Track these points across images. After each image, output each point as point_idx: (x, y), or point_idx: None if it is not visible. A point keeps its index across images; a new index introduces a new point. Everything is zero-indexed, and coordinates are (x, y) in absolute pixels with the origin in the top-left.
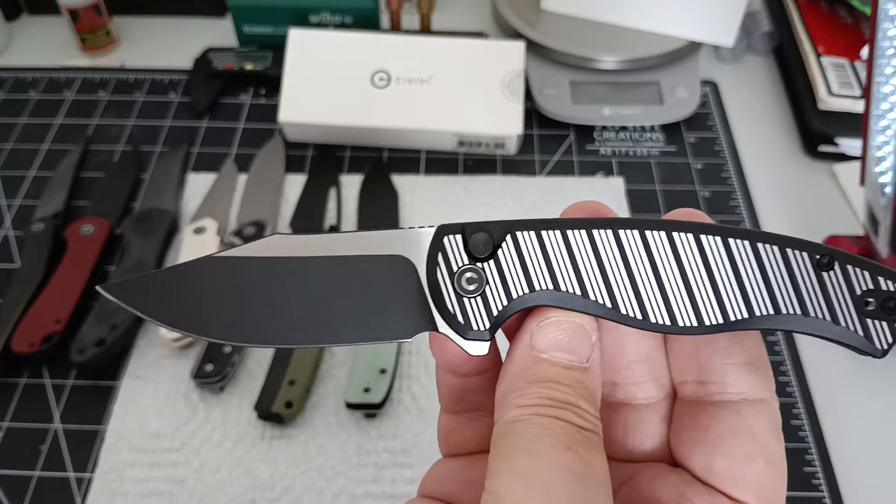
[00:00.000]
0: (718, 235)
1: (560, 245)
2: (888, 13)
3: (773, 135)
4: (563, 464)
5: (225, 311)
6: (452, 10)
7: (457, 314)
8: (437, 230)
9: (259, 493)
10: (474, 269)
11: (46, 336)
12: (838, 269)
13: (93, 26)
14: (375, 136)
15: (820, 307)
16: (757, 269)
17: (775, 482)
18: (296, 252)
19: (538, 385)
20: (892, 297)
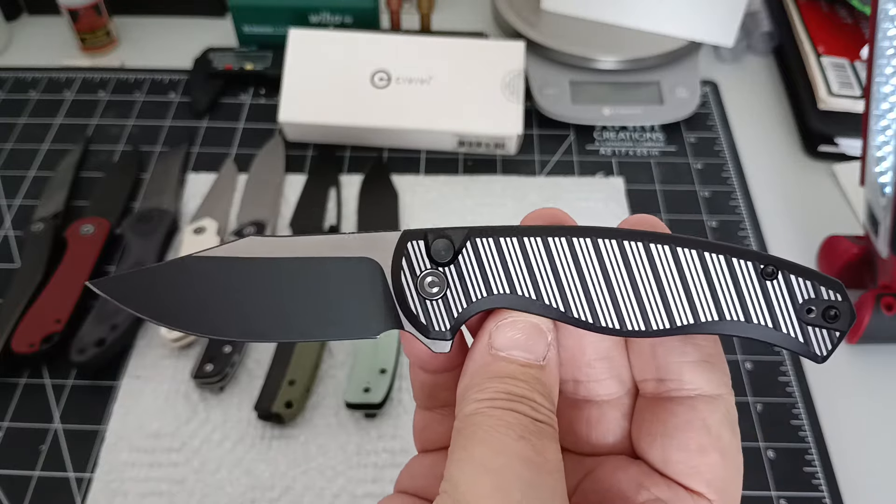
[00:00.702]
0: (668, 244)
1: (517, 251)
2: (888, 13)
3: (773, 135)
4: (516, 451)
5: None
6: (452, 10)
7: (419, 315)
8: (401, 235)
9: (259, 493)
10: (436, 274)
11: (46, 336)
12: (782, 278)
13: (93, 26)
14: (375, 136)
15: (763, 314)
16: (703, 277)
17: (730, 474)
18: (271, 253)
19: (496, 380)
20: (833, 306)
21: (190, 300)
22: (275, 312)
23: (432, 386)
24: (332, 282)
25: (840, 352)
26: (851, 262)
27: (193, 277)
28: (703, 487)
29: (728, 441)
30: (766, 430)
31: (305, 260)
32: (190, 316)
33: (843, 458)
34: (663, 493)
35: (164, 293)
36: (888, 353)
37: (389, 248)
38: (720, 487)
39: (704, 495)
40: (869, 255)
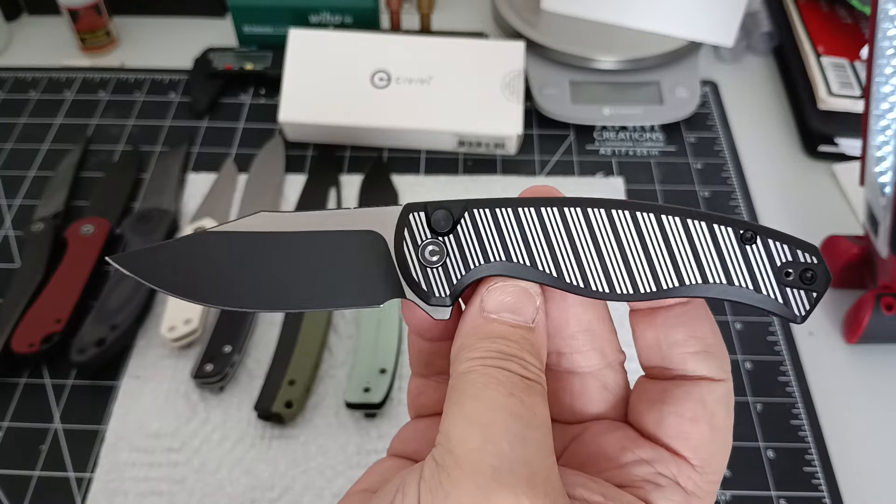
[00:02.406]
0: (652, 212)
1: (512, 221)
2: (888, 13)
3: (773, 135)
4: (506, 406)
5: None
6: (452, 10)
7: (421, 283)
8: (403, 208)
9: (259, 493)
10: (436, 243)
11: (46, 336)
12: (760, 242)
13: (93, 26)
14: (375, 136)
15: (743, 277)
16: (686, 243)
17: (716, 448)
18: (281, 227)
19: (487, 340)
20: (810, 268)
21: (204, 273)
22: (285, 283)
23: (429, 354)
24: (338, 254)
25: (840, 352)
26: (851, 262)
27: (207, 251)
28: (689, 452)
29: (721, 419)
30: (766, 430)
31: (313, 233)
32: (204, 288)
33: (843, 458)
34: (647, 455)
35: (179, 267)
36: (888, 353)
37: (392, 221)
38: (704, 457)
39: (688, 460)
40: (869, 255)
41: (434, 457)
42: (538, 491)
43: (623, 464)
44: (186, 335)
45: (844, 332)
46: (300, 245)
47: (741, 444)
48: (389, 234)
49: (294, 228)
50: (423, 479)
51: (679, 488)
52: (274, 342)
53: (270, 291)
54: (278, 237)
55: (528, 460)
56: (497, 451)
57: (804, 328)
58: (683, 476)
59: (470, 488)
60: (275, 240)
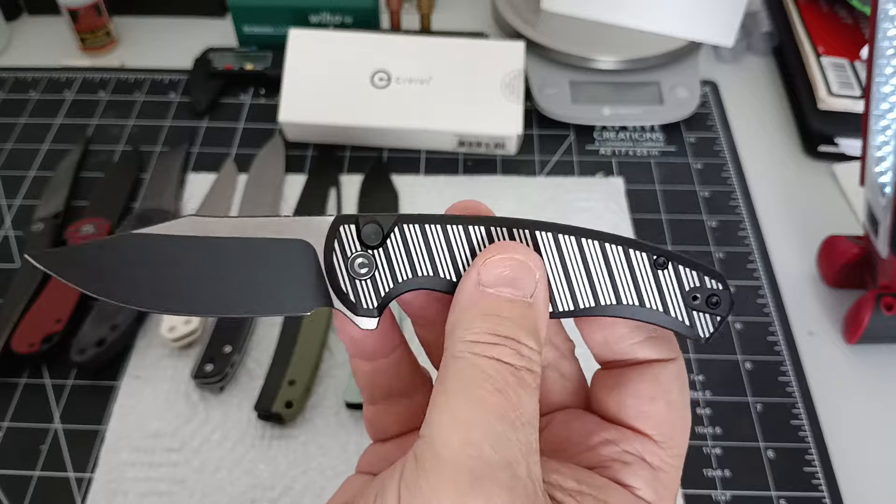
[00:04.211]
0: (573, 235)
1: (440, 237)
2: (888, 13)
3: (773, 135)
4: (491, 405)
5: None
6: (452, 10)
7: (349, 293)
8: (334, 220)
9: (259, 493)
10: (365, 256)
11: (46, 336)
12: (671, 268)
13: (93, 26)
14: (375, 136)
15: (654, 300)
16: (604, 266)
17: (675, 423)
18: (210, 232)
19: (482, 318)
20: (715, 293)
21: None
22: (212, 289)
23: (373, 374)
24: (268, 261)
25: (840, 352)
26: (851, 262)
27: (133, 253)
28: (651, 430)
29: (676, 395)
30: (766, 430)
31: (243, 240)
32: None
33: (843, 458)
34: (612, 436)
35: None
36: (888, 353)
37: (323, 231)
38: (666, 432)
39: (651, 437)
40: (869, 255)
41: (416, 453)
42: (517, 493)
43: (591, 446)
44: (186, 335)
45: (844, 332)
46: (228, 251)
47: (741, 444)
48: (320, 243)
49: (223, 234)
50: (403, 478)
51: (646, 464)
52: (274, 342)
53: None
54: (206, 242)
55: (510, 462)
56: (478, 453)
57: (804, 328)
58: (648, 452)
59: (448, 492)
60: (202, 244)
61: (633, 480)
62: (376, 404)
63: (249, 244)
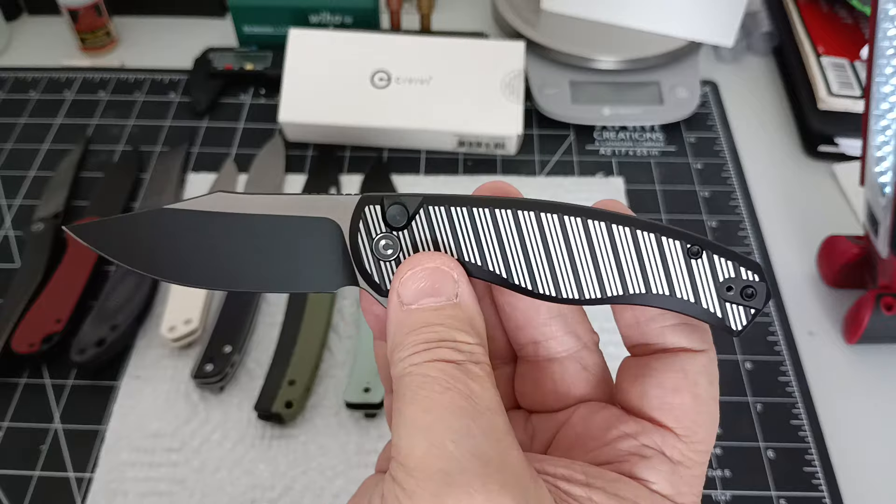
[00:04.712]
0: (604, 221)
1: (466, 220)
2: (888, 13)
3: (773, 135)
4: (442, 404)
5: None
6: (452, 10)
7: (373, 274)
8: (359, 200)
9: (259, 493)
10: (390, 237)
11: (46, 336)
12: (706, 257)
13: (93, 26)
14: (375, 136)
15: (686, 289)
16: (634, 253)
17: (700, 417)
18: (238, 209)
19: (412, 334)
20: (751, 285)
21: (160, 249)
22: (239, 264)
23: None
24: (294, 238)
25: (840, 352)
26: (851, 262)
27: (164, 228)
28: (672, 422)
29: (703, 388)
30: (766, 430)
31: (270, 217)
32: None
33: (843, 458)
34: (631, 429)
35: (136, 241)
36: (888, 353)
37: (349, 211)
38: (688, 426)
39: (673, 430)
40: (869, 255)
41: (390, 472)
42: (492, 480)
43: (608, 440)
44: (186, 335)
45: (844, 332)
46: (256, 227)
47: (741, 444)
48: (346, 223)
49: (251, 211)
50: (383, 497)
51: (665, 458)
52: (274, 342)
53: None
54: (235, 218)
55: (477, 451)
56: (443, 453)
57: (804, 328)
58: (668, 446)
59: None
60: (231, 220)
61: (648, 474)
62: None
63: (277, 221)
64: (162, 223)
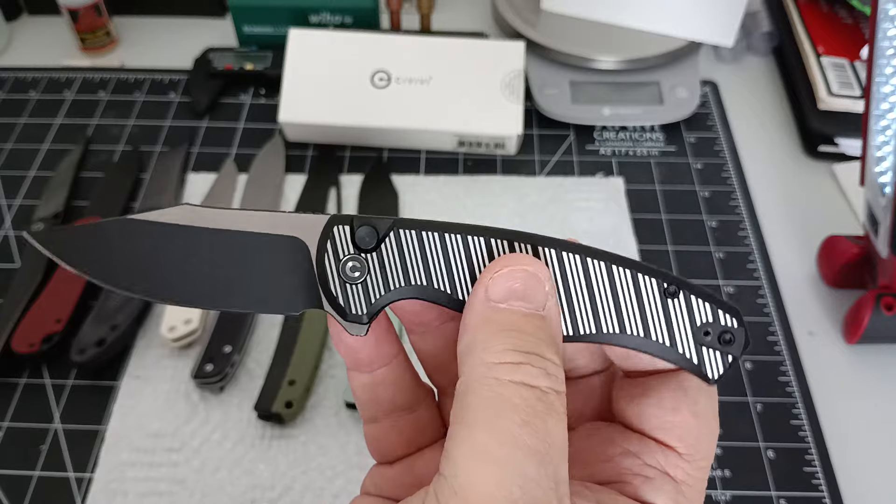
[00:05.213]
0: (578, 254)
1: (437, 245)
2: (888, 13)
3: (773, 135)
4: (521, 441)
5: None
6: (452, 10)
7: (339, 297)
8: (328, 220)
9: (259, 493)
10: (358, 259)
11: (46, 336)
12: (682, 299)
13: (93, 26)
14: (375, 136)
15: (661, 332)
16: (609, 290)
17: (702, 434)
18: (204, 222)
19: (501, 335)
20: (729, 331)
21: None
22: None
23: (372, 387)
24: (259, 256)
25: (840, 352)
26: (851, 262)
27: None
28: (675, 441)
29: (703, 405)
30: (766, 430)
31: (234, 232)
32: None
33: (843, 458)
34: (634, 447)
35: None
36: (888, 353)
37: (317, 230)
38: (691, 444)
39: (675, 449)
40: (869, 255)
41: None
42: None
43: (610, 456)
44: (186, 335)
45: (844, 332)
46: (221, 243)
47: (741, 444)
48: (313, 243)
49: (216, 225)
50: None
51: (668, 478)
52: (274, 342)
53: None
54: (199, 232)
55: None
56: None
57: (804, 328)
58: (672, 465)
59: None
60: (193, 234)
61: (655, 497)
62: (379, 422)
63: (241, 237)
64: (127, 233)
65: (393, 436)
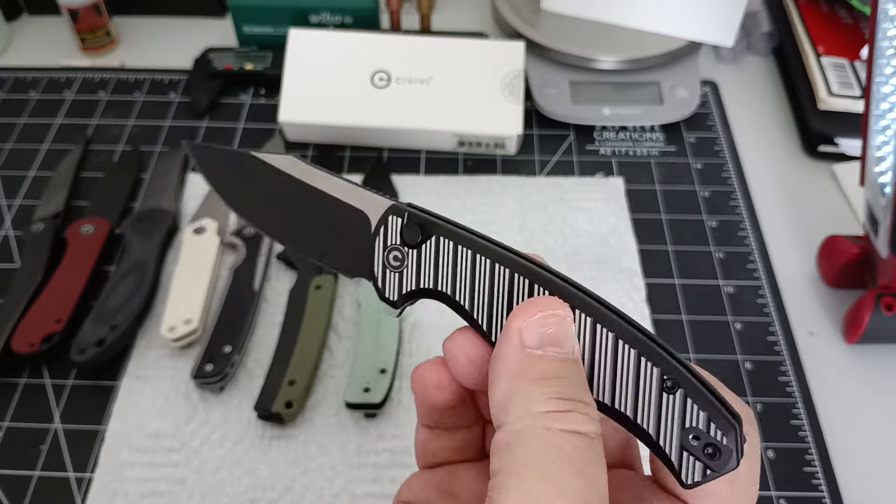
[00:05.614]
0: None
1: (468, 263)
2: (888, 13)
3: (773, 135)
4: (576, 492)
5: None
6: (452, 10)
7: (379, 278)
8: (388, 207)
9: (259, 493)
10: (400, 251)
11: (46, 336)
12: (679, 396)
13: (93, 26)
14: (375, 136)
15: (649, 421)
16: (610, 362)
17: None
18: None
19: (543, 383)
20: (716, 445)
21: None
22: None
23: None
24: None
25: (840, 352)
26: (851, 262)
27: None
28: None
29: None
30: (766, 430)
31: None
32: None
33: (843, 458)
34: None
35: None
36: (888, 353)
37: (379, 213)
38: None
39: None
40: (869, 255)
41: None
42: None
43: None
44: (186, 335)
45: (844, 332)
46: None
47: None
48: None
49: (311, 182)
50: None
51: None
52: (274, 342)
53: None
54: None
55: None
56: None
57: (804, 328)
58: None
59: None
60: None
61: None
62: (433, 429)
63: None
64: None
65: (443, 443)
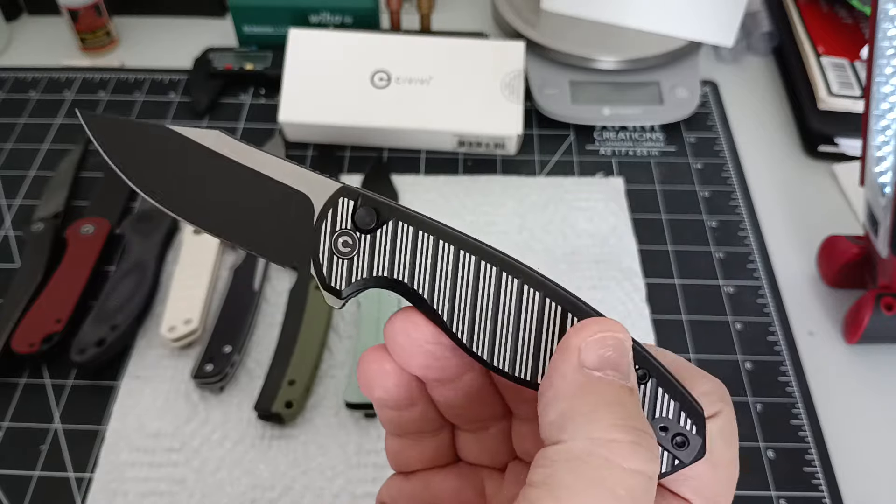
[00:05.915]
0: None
1: (428, 249)
2: (888, 13)
3: (773, 135)
4: None
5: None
6: (452, 10)
7: (324, 266)
8: (337, 189)
9: (259, 493)
10: (351, 236)
11: (46, 336)
12: (650, 386)
13: (93, 26)
14: (375, 136)
15: None
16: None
17: (720, 483)
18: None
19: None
20: (685, 435)
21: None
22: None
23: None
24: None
25: (840, 352)
26: (851, 262)
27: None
28: (690, 494)
29: (720, 452)
30: (766, 430)
31: (254, 172)
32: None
33: (843, 458)
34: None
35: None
36: (888, 353)
37: (325, 195)
38: (709, 497)
39: (692, 502)
40: (869, 255)
41: None
42: None
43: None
44: (186, 335)
45: (844, 332)
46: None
47: (741, 445)
48: (318, 206)
49: (240, 160)
50: None
51: None
52: (274, 342)
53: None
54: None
55: None
56: None
57: (804, 328)
58: None
59: None
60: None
61: None
62: (401, 438)
63: (257, 178)
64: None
65: (412, 452)
